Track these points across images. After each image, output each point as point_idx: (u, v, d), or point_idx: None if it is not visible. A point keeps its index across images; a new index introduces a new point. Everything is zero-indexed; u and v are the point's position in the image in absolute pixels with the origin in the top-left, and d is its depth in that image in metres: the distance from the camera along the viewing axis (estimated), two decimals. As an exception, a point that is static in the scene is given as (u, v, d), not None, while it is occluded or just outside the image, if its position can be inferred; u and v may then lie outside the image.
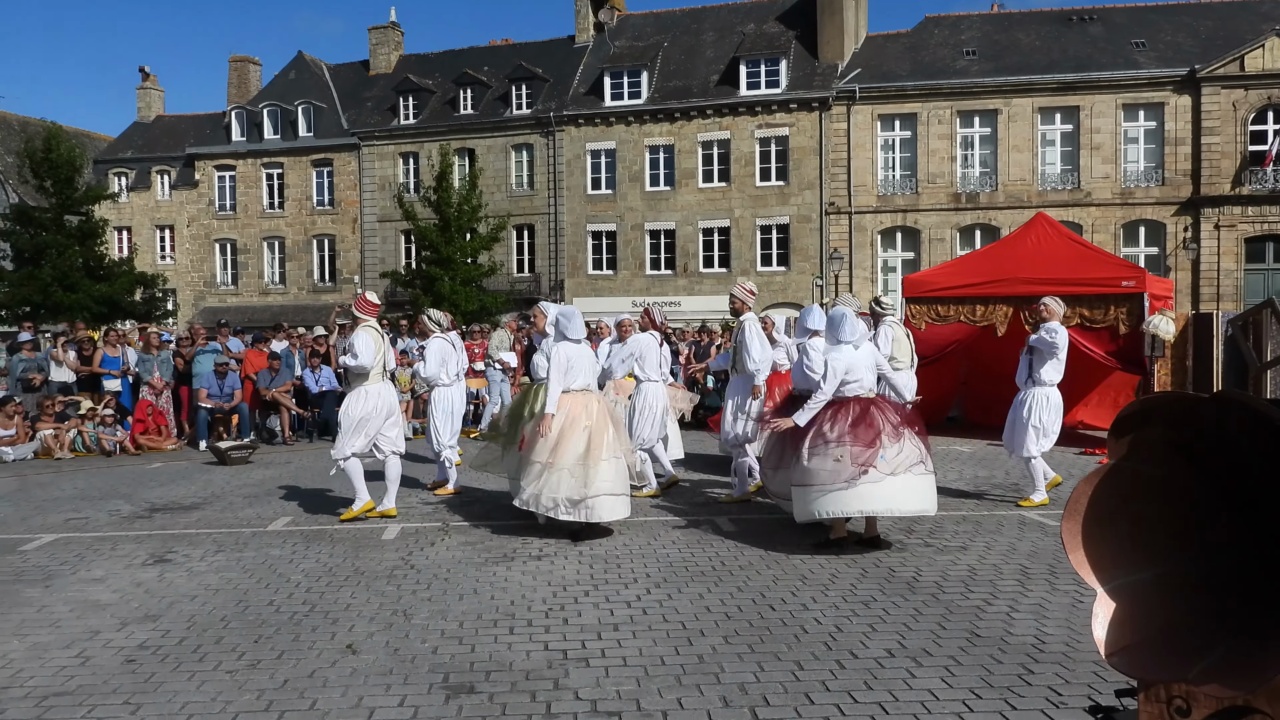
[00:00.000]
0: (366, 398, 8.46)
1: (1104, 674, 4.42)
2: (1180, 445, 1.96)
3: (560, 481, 7.35)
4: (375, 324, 8.68)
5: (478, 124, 40.15)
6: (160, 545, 7.64)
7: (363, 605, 5.82)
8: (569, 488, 7.34)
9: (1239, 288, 33.17)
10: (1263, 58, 32.74)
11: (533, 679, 4.54)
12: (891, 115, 35.88)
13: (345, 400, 8.61)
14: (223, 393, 14.75)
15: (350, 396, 8.55)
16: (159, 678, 4.64)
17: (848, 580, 6.24)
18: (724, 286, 36.59)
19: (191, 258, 44.20)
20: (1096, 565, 2.02)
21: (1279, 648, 1.73)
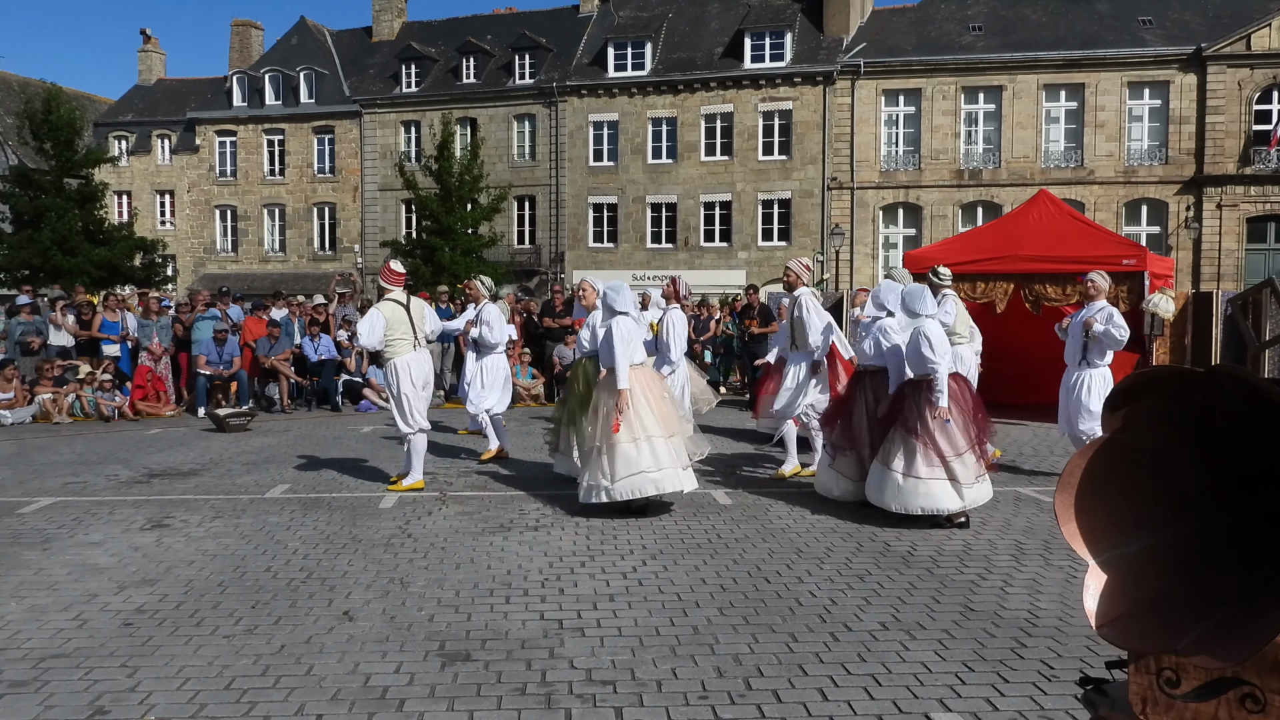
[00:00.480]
0: (401, 370, 8.30)
1: (1095, 647, 4.45)
2: (1174, 419, 1.96)
3: (645, 455, 7.14)
4: (400, 294, 8.50)
5: (480, 93, 39.92)
6: (158, 510, 7.67)
7: (360, 573, 5.84)
8: (652, 461, 7.14)
9: (1240, 267, 33.12)
10: (1269, 37, 32.52)
11: (528, 648, 4.57)
12: (896, 90, 35.68)
13: (385, 376, 8.50)
14: (222, 360, 14.76)
15: (386, 372, 8.43)
16: (156, 641, 4.67)
17: (843, 554, 6.27)
18: (725, 261, 36.57)
19: (192, 223, 44.07)
20: (1089, 537, 2.02)
21: (1267, 620, 1.74)
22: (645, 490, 7.16)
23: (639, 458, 7.13)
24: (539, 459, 10.07)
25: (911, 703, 3.94)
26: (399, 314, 8.34)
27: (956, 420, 6.91)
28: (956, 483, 6.82)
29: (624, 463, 7.12)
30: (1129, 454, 2.04)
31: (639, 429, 7.15)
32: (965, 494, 6.86)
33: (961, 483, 6.82)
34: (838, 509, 7.57)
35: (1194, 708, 1.98)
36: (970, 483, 6.87)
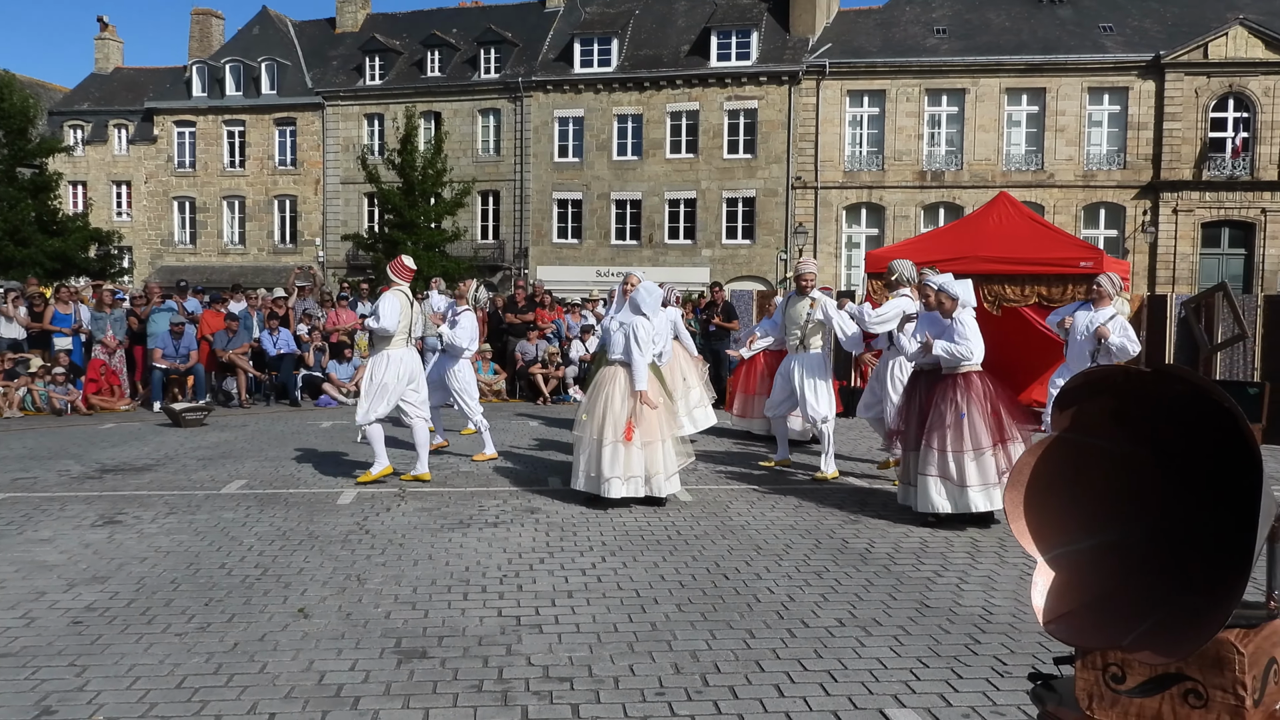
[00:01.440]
0: (389, 363, 8.32)
1: (1047, 644, 4.51)
2: (1123, 418, 1.99)
3: (659, 457, 7.43)
4: (407, 289, 8.53)
5: (445, 87, 39.68)
6: (110, 506, 7.55)
7: (316, 570, 5.79)
8: (654, 464, 7.41)
9: (1194, 271, 33.71)
10: (1226, 46, 33.11)
11: (485, 645, 4.55)
12: (860, 91, 35.91)
13: (371, 365, 8.48)
14: (178, 353, 14.56)
15: (373, 361, 8.44)
16: (106, 639, 4.59)
17: (801, 551, 6.30)
18: (688, 258, 36.65)
19: (149, 215, 43.41)
20: (1038, 535, 2.05)
21: (1209, 617, 1.77)
22: (640, 491, 7.39)
23: (644, 459, 7.36)
24: (501, 454, 10.02)
25: (866, 698, 3.96)
26: (406, 308, 8.39)
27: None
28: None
29: (630, 462, 7.32)
30: (1078, 453, 2.07)
31: (649, 432, 7.37)
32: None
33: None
34: (796, 507, 7.61)
35: (1138, 703, 2.01)
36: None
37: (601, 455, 7.34)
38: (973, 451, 6.75)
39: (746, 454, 10.24)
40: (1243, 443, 1.83)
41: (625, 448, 7.31)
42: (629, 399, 7.40)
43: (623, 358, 7.50)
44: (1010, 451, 6.82)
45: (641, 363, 7.39)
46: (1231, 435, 1.86)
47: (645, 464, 7.39)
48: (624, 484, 7.33)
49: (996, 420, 6.86)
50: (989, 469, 6.78)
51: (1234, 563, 1.85)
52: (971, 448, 6.76)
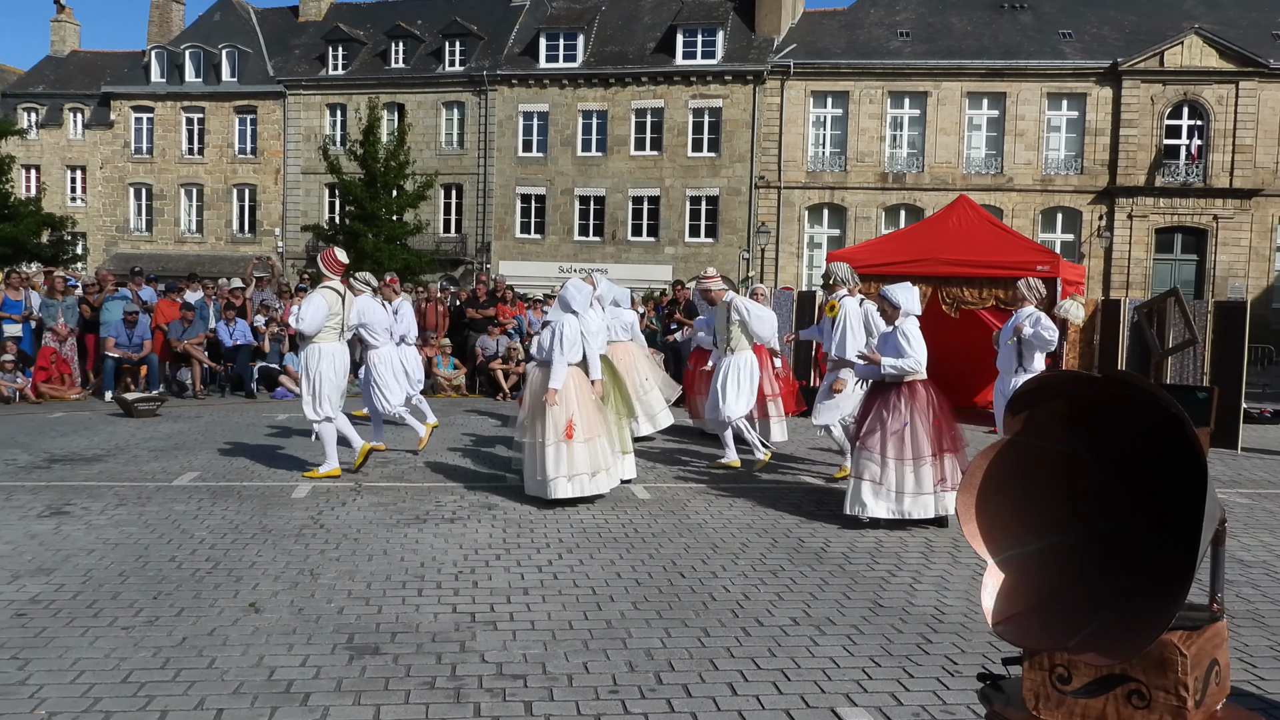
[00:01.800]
0: (320, 357, 8.22)
1: (998, 644, 4.56)
2: (1073, 422, 2.01)
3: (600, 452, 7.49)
4: (338, 283, 8.40)
5: (409, 79, 39.36)
6: (58, 497, 7.41)
7: (268, 564, 5.72)
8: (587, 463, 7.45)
9: (1148, 276, 34.28)
10: (1181, 54, 33.68)
11: (439, 641, 4.52)
12: (824, 92, 36.11)
13: (304, 360, 8.33)
14: (131, 342, 14.32)
15: (308, 356, 8.28)
16: (50, 632, 4.51)
17: (757, 550, 6.33)
18: (652, 256, 36.67)
19: (104, 201, 42.63)
20: (988, 537, 2.07)
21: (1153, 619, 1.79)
22: (585, 489, 7.40)
23: (588, 455, 7.36)
24: (459, 450, 9.97)
25: (819, 697, 3.99)
26: (335, 302, 8.28)
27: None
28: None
29: (574, 460, 7.31)
30: (1029, 456, 2.09)
31: (581, 430, 7.34)
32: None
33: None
34: (753, 506, 7.64)
35: (1084, 703, 2.03)
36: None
37: (545, 456, 7.31)
38: (913, 461, 6.81)
39: (706, 453, 10.26)
40: (1188, 447, 1.86)
41: (568, 446, 7.28)
42: (565, 398, 7.36)
43: (544, 357, 7.51)
44: (946, 462, 6.90)
45: (560, 361, 7.34)
46: (1178, 440, 1.89)
47: (589, 460, 7.37)
48: (569, 483, 7.31)
49: (938, 431, 6.92)
50: (926, 479, 6.84)
51: (1178, 566, 1.88)
52: (913, 456, 6.81)
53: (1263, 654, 4.59)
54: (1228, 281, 33.57)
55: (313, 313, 8.11)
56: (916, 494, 6.82)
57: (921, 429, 6.86)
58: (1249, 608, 5.29)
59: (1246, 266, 34.00)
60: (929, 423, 6.89)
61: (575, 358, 7.56)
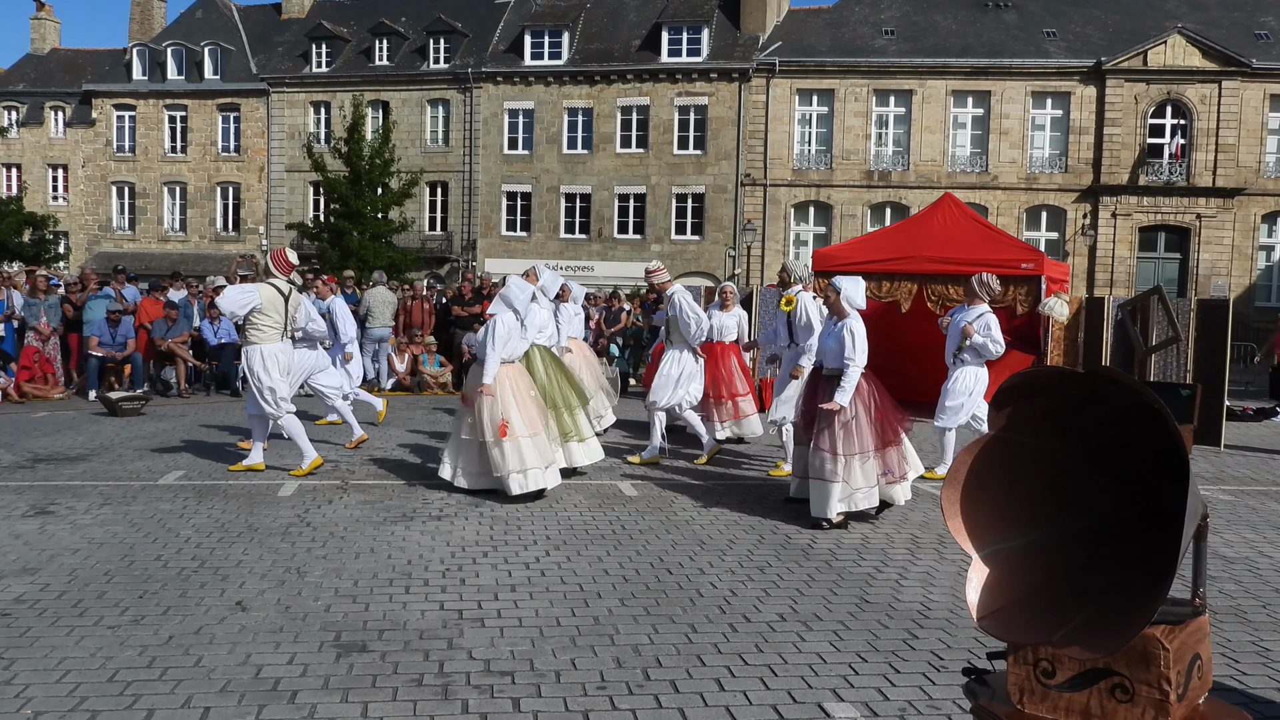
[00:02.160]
0: (272, 357, 8.20)
1: (983, 639, 4.59)
2: (1057, 418, 2.03)
3: (520, 453, 7.48)
4: (283, 283, 8.35)
5: (393, 76, 39.23)
6: (42, 496, 7.37)
7: (255, 562, 5.70)
8: (518, 461, 7.48)
9: (1131, 274, 34.49)
10: (1165, 54, 33.88)
11: (426, 638, 4.52)
12: (810, 90, 36.17)
13: (247, 361, 8.28)
14: (115, 341, 14.24)
15: (248, 356, 8.24)
16: (35, 632, 4.49)
17: (745, 546, 6.35)
18: (637, 254, 36.66)
19: (86, 200, 42.34)
20: (973, 532, 2.08)
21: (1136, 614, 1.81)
22: (524, 486, 7.41)
23: (515, 456, 7.37)
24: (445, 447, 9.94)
25: (806, 693, 4.00)
26: (276, 301, 8.22)
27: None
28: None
29: (525, 456, 7.37)
30: (1013, 452, 2.11)
31: (517, 428, 7.36)
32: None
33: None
34: (740, 503, 7.66)
35: (1068, 697, 2.05)
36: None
37: (491, 455, 7.40)
38: (859, 455, 6.82)
39: (691, 451, 10.27)
40: (1171, 444, 1.88)
41: (513, 443, 7.33)
42: (498, 396, 7.40)
43: (480, 354, 7.55)
44: (890, 455, 6.95)
45: (492, 358, 7.36)
46: (1161, 436, 1.91)
47: (528, 456, 7.39)
48: (524, 477, 7.37)
49: (880, 424, 6.94)
50: (872, 472, 6.87)
51: (1161, 561, 1.90)
52: (858, 450, 6.83)
53: (1245, 649, 4.63)
54: (1211, 280, 33.80)
55: (235, 298, 8.05)
56: (866, 488, 6.86)
57: (865, 422, 6.90)
58: (1231, 603, 5.34)
59: (1229, 265, 34.25)
60: (871, 416, 6.93)
61: (512, 354, 7.59)
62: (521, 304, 7.72)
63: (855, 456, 6.82)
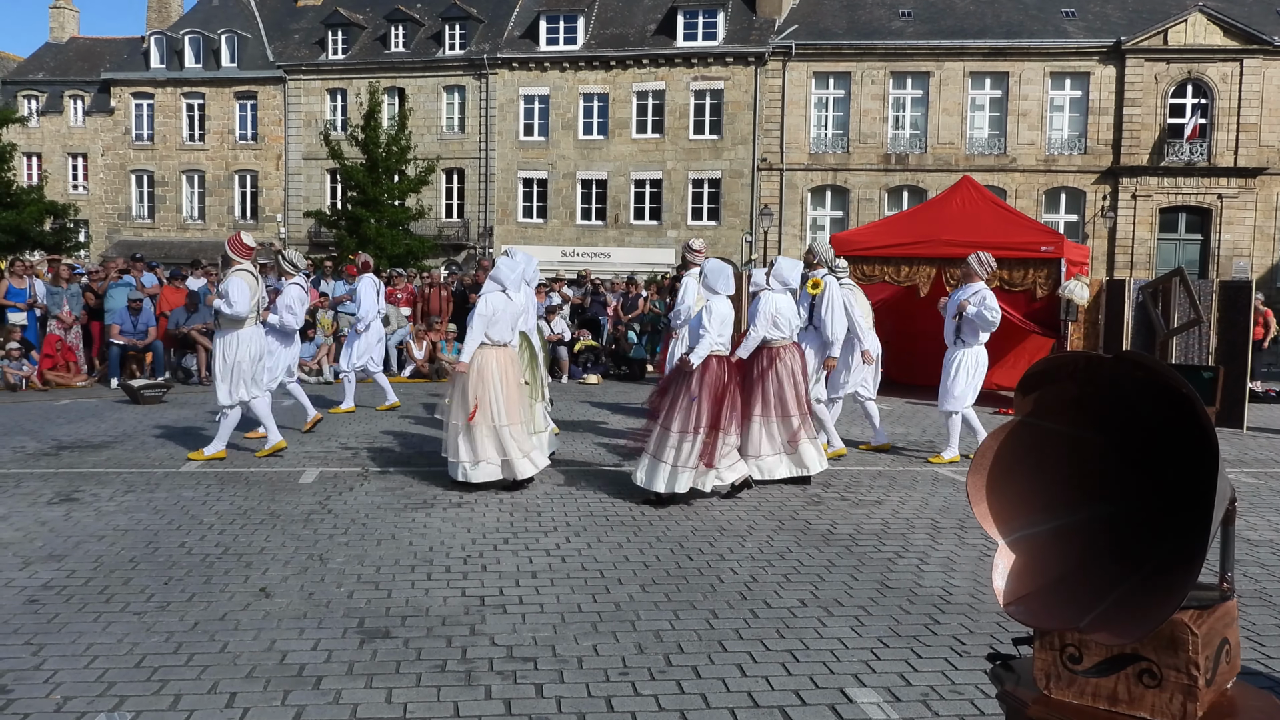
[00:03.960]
0: (239, 343, 8.34)
1: (1005, 624, 4.58)
2: (1083, 403, 2.01)
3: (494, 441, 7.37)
4: (249, 267, 8.50)
5: (409, 63, 39.22)
6: (67, 484, 7.44)
7: (277, 549, 5.75)
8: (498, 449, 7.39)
9: (1152, 256, 34.19)
10: (1185, 33, 33.48)
11: (449, 625, 4.54)
12: (826, 73, 35.94)
13: (218, 346, 8.44)
14: (136, 329, 14.33)
15: (223, 342, 8.39)
16: (63, 618, 4.53)
17: (764, 532, 6.35)
18: (654, 239, 36.61)
19: (106, 188, 42.58)
20: (999, 518, 2.07)
21: (1164, 599, 1.80)
22: (495, 475, 7.32)
23: (491, 443, 7.25)
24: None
25: (827, 678, 4.01)
26: (254, 286, 8.39)
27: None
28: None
29: (479, 447, 7.23)
30: (1039, 437, 2.09)
31: (494, 415, 7.23)
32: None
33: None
34: (760, 489, 7.65)
35: (1095, 682, 2.04)
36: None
37: (451, 437, 7.33)
38: (692, 434, 6.86)
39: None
40: (1199, 427, 1.86)
41: (474, 430, 7.20)
42: (482, 380, 7.27)
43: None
44: (716, 440, 6.96)
45: (473, 336, 7.24)
46: (1188, 419, 1.89)
47: (498, 447, 7.27)
48: (474, 468, 7.25)
49: (715, 406, 6.94)
50: (699, 451, 6.90)
51: (1189, 545, 1.89)
52: (693, 429, 6.86)
53: (1270, 632, 4.61)
54: (1232, 261, 33.48)
55: (240, 294, 8.18)
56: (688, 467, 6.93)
57: (705, 402, 6.93)
58: (1256, 586, 5.31)
59: (1251, 246, 33.89)
60: (711, 398, 6.96)
61: (500, 336, 7.36)
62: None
63: (688, 434, 6.85)
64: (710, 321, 6.95)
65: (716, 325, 6.96)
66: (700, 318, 7.05)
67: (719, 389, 6.96)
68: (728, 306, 7.17)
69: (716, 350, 7.02)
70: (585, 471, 8.22)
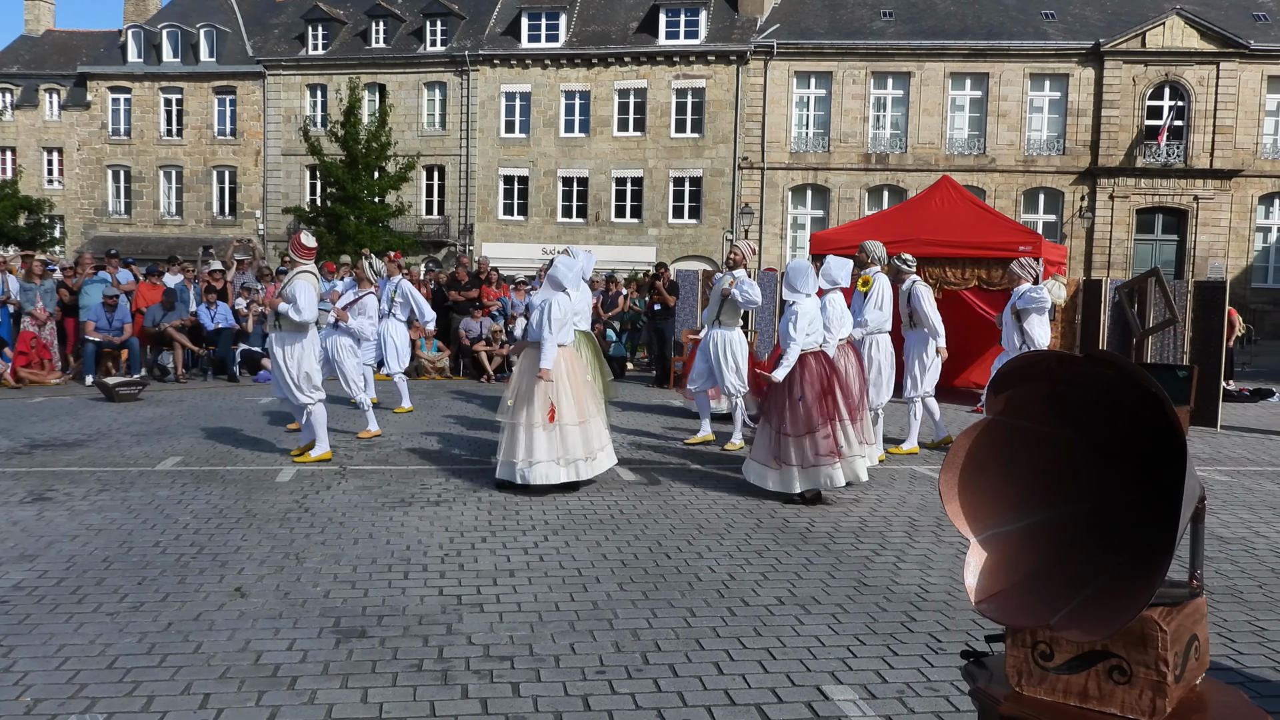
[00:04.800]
0: (304, 349, 8.18)
1: (981, 622, 4.60)
2: (1055, 401, 2.02)
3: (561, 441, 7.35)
4: (313, 268, 8.29)
5: (390, 59, 39.04)
6: (39, 483, 7.37)
7: (253, 548, 5.71)
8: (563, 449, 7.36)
9: (1129, 256, 34.47)
10: (1163, 35, 33.76)
11: (426, 624, 4.53)
12: (807, 73, 36.03)
13: (280, 351, 8.19)
14: (112, 326, 14.21)
15: (289, 349, 8.15)
16: (34, 619, 4.49)
17: (742, 530, 6.36)
18: (635, 237, 36.60)
19: (81, 183, 42.18)
20: (971, 516, 2.08)
21: (1132, 597, 1.82)
22: (558, 477, 7.17)
23: (556, 443, 7.15)
24: (444, 433, 9.97)
25: (804, 675, 4.02)
26: (318, 288, 8.29)
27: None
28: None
29: (542, 447, 7.11)
30: (1012, 436, 2.10)
31: (565, 415, 7.16)
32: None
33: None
34: (738, 486, 7.66)
35: (1065, 679, 2.06)
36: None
37: (520, 439, 7.15)
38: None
39: (690, 434, 10.27)
40: (1168, 426, 1.88)
41: (556, 430, 7.13)
42: (543, 379, 7.11)
43: (534, 337, 7.26)
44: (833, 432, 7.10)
45: (550, 341, 7.06)
46: (1158, 418, 1.91)
47: (583, 444, 7.25)
48: (561, 468, 7.17)
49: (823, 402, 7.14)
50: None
51: (1158, 543, 1.90)
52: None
53: (1241, 629, 4.65)
54: (1208, 261, 33.78)
55: (308, 300, 8.00)
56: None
57: (812, 402, 7.04)
58: (1227, 584, 5.36)
59: (1226, 246, 34.22)
60: (815, 395, 7.08)
61: (567, 338, 7.38)
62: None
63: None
64: (796, 326, 6.99)
65: (804, 326, 7.02)
66: (786, 324, 7.08)
67: (821, 385, 7.05)
68: (813, 305, 7.22)
69: (808, 348, 7.11)
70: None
